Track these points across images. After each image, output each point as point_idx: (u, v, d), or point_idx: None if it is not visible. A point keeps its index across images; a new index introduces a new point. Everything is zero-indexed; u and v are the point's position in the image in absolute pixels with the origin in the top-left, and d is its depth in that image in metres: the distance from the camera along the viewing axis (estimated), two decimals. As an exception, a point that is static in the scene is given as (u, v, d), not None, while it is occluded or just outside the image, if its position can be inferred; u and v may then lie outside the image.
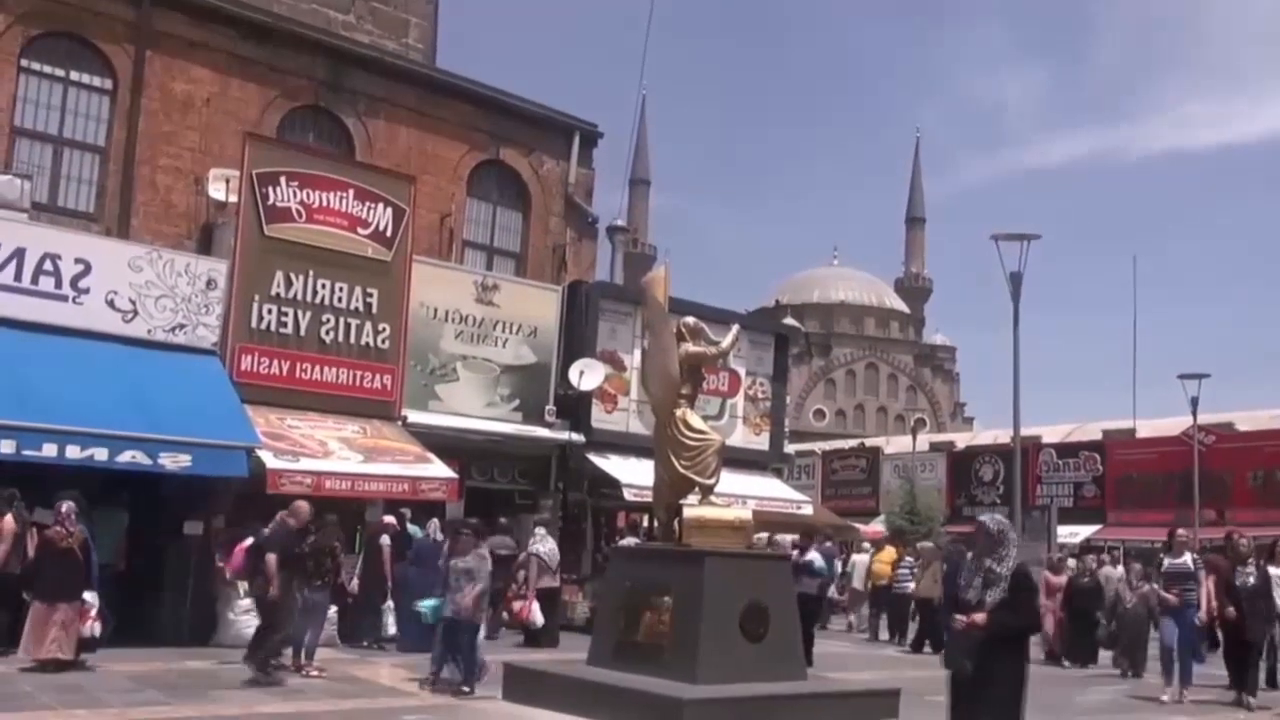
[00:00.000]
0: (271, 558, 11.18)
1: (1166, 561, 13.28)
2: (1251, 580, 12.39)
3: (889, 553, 21.03)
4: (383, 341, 16.65)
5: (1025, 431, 23.66)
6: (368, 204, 16.65)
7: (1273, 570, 12.86)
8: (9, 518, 11.68)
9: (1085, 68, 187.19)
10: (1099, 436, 36.23)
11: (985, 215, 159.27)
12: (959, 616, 6.53)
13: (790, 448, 27.44)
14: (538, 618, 15.69)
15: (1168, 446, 31.02)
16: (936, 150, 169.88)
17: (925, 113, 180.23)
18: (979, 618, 6.40)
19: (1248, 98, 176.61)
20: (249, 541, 12.70)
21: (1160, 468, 31.04)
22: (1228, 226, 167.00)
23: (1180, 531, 13.74)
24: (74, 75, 16.39)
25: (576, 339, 19.53)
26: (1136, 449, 33.51)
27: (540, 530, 16.85)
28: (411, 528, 15.79)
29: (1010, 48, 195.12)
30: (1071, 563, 18.91)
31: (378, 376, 16.60)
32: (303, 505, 12.08)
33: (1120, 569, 18.58)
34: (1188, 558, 13.05)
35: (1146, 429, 34.96)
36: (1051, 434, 37.55)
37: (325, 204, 16.24)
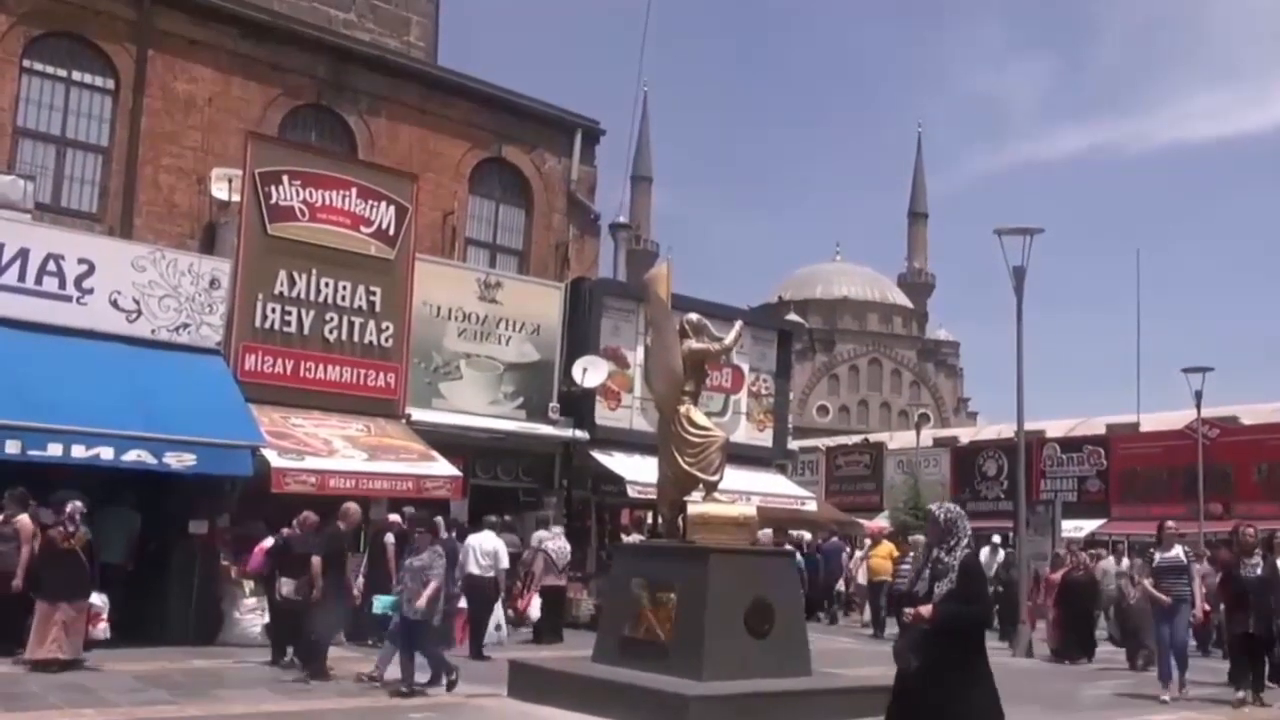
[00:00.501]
0: (317, 560, 11.44)
1: (1157, 556, 12.63)
2: (1258, 571, 11.87)
3: (885, 548, 20.98)
4: (386, 340, 16.66)
5: (1029, 426, 23.59)
6: (370, 202, 16.66)
7: None
8: (25, 518, 11.68)
9: (1087, 62, 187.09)
10: (1103, 431, 36.14)
11: (988, 209, 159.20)
12: (907, 610, 6.18)
13: (794, 444, 27.47)
14: (534, 612, 15.74)
15: (1172, 440, 30.94)
16: (939, 145, 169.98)
17: (927, 107, 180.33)
18: (925, 610, 6.02)
19: (1252, 91, 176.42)
20: (269, 542, 12.73)
21: (1164, 462, 30.97)
22: (1231, 220, 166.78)
23: (1170, 524, 12.93)
24: (76, 75, 16.42)
25: (579, 336, 19.55)
26: (1140, 443, 33.43)
27: (557, 529, 16.95)
28: (415, 525, 15.82)
29: (1011, 42, 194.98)
30: (1060, 552, 18.55)
31: (381, 375, 16.61)
32: (354, 508, 12.53)
33: (1125, 561, 18.49)
34: (1179, 550, 12.53)
35: (1150, 423, 34.86)
36: (1055, 428, 37.48)
37: (328, 203, 16.26)
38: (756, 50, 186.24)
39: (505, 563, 14.54)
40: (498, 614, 14.78)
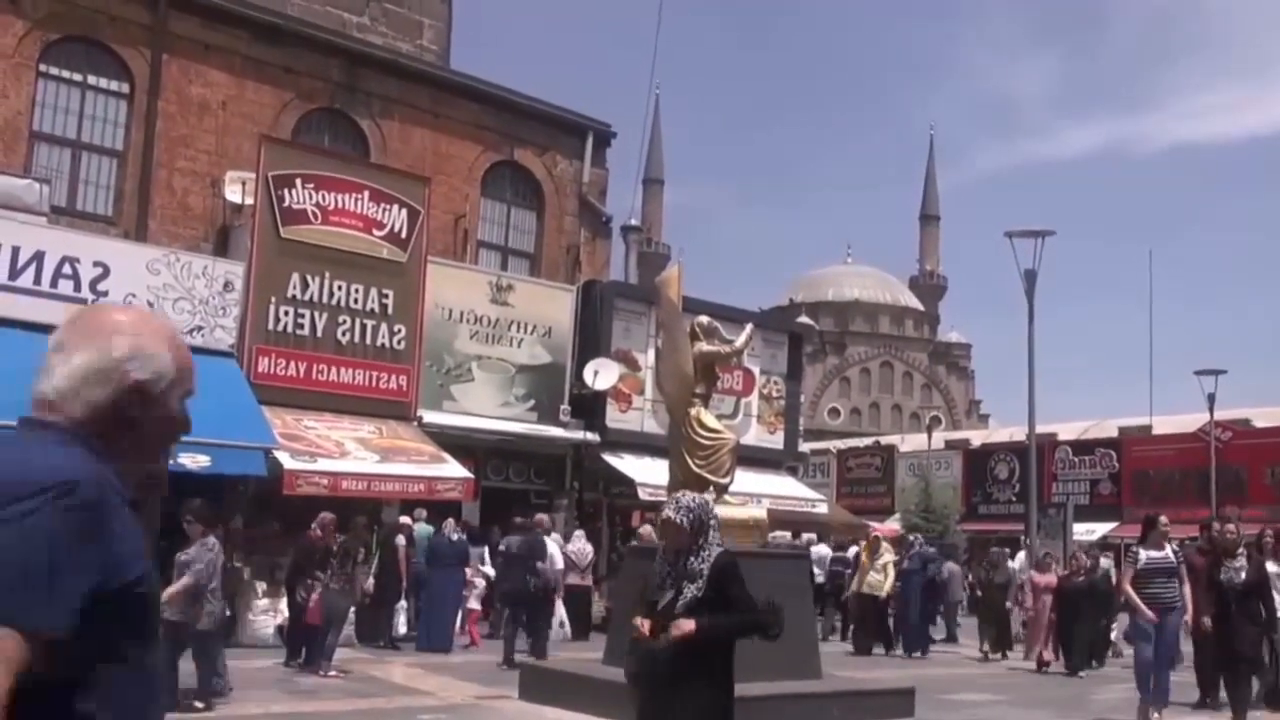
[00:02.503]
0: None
1: (1144, 555, 10.38)
2: (1242, 575, 10.04)
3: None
4: (398, 342, 16.73)
5: (1041, 429, 23.55)
6: (383, 205, 16.74)
7: (1271, 567, 10.67)
8: None
9: (1098, 56, 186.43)
10: (1115, 433, 36.07)
11: (998, 206, 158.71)
12: (638, 620, 5.08)
13: (805, 446, 27.49)
14: (562, 612, 15.89)
15: (1184, 443, 30.91)
16: (950, 141, 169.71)
17: (939, 103, 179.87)
18: (686, 625, 4.80)
19: (1268, 84, 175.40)
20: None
21: (1177, 464, 30.93)
22: (1245, 219, 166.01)
23: (1162, 519, 10.82)
24: (91, 79, 16.51)
25: (591, 338, 19.60)
26: (1153, 445, 33.38)
27: (578, 532, 17.08)
28: (424, 527, 15.87)
29: (1023, 36, 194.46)
30: (1046, 551, 17.61)
31: (393, 377, 16.68)
32: (545, 518, 14.18)
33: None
34: (1169, 550, 10.61)
35: (1163, 425, 34.80)
36: (1067, 431, 37.42)
37: (341, 206, 16.35)
38: (769, 48, 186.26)
39: (560, 564, 14.71)
40: (560, 612, 15.00)
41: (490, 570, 16.11)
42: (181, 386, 1.78)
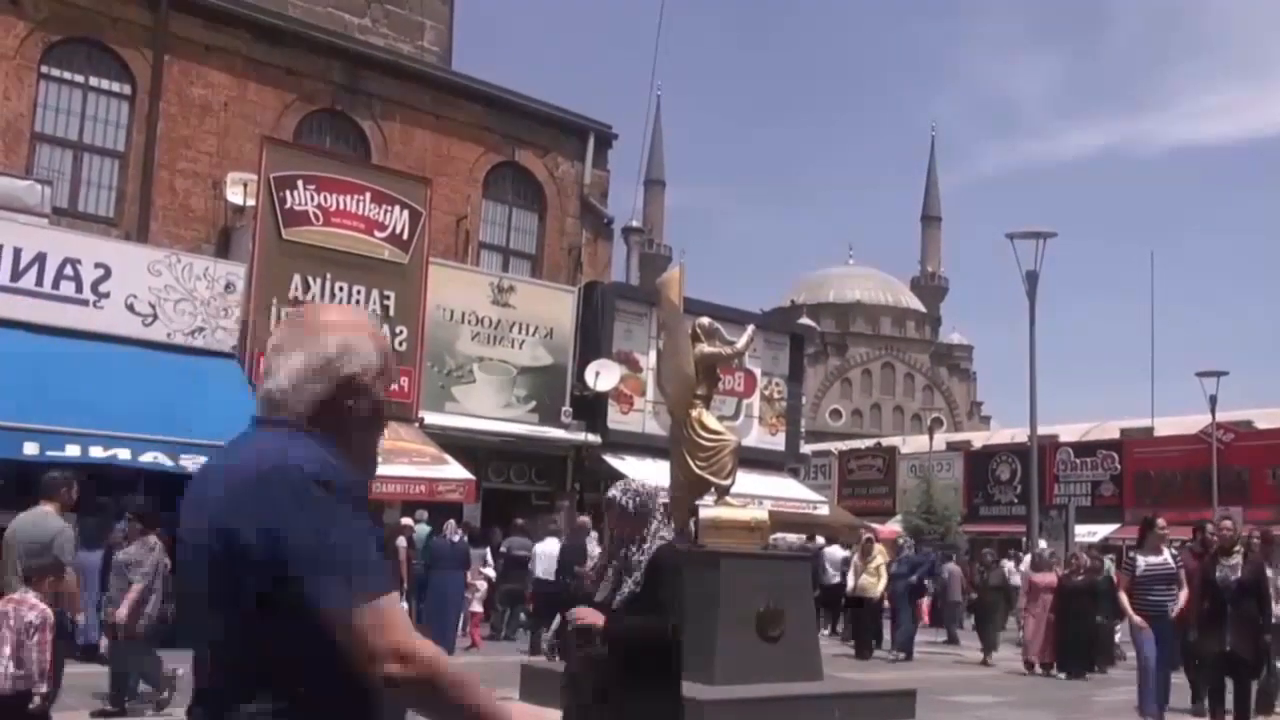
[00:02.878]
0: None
1: (1142, 563, 10.05)
2: (1238, 573, 9.57)
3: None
4: (400, 344, 16.73)
5: (1042, 430, 23.57)
6: (384, 207, 16.74)
7: (1269, 572, 10.21)
8: None
9: (1100, 56, 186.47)
10: (1117, 435, 36.06)
11: (1001, 205, 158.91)
12: (570, 612, 4.84)
13: (806, 448, 27.45)
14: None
15: (1186, 445, 30.89)
16: (951, 141, 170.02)
17: (940, 104, 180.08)
18: (593, 616, 4.56)
19: (1270, 84, 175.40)
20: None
21: (1179, 466, 30.92)
22: (1247, 219, 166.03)
23: (1160, 522, 10.44)
24: (93, 81, 16.52)
25: (592, 340, 19.60)
26: (1155, 447, 33.37)
27: (592, 534, 17.06)
28: (424, 529, 15.87)
29: (1025, 36, 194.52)
30: (1042, 550, 17.49)
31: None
32: (585, 520, 14.36)
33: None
34: (1167, 555, 10.33)
35: (1165, 427, 34.79)
36: (1069, 433, 37.40)
37: (342, 207, 16.35)
38: (767, 51, 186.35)
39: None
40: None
41: (491, 572, 16.11)
42: (386, 377, 2.04)
